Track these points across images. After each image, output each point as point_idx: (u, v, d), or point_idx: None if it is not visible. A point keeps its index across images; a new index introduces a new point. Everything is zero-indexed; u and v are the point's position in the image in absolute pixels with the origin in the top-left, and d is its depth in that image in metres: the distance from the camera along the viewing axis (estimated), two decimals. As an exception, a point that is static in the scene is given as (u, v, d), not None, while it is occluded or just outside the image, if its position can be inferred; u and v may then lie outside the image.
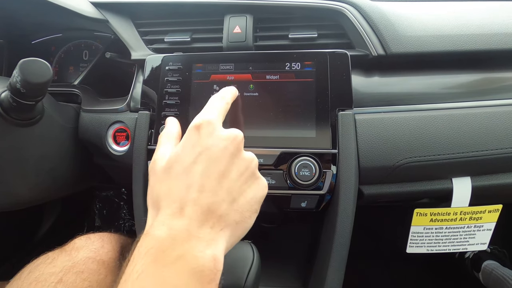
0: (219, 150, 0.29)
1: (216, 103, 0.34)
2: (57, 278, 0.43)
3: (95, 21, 0.55)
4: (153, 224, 0.27)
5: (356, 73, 0.50)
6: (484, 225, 0.52)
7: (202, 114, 0.31)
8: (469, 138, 0.46)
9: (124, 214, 1.07)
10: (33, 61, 0.38)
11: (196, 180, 0.28)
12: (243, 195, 0.29)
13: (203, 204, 0.27)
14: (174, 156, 0.30)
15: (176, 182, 0.28)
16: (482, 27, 0.49)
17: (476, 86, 0.50)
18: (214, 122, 0.30)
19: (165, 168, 0.30)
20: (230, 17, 0.53)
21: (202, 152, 0.29)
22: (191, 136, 0.30)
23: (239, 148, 0.30)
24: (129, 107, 0.54)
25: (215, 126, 0.30)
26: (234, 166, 0.29)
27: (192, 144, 0.29)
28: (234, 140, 0.30)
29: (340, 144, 0.45)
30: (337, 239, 0.45)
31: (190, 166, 0.28)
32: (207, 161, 0.28)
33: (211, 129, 0.30)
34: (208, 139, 0.29)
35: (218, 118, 0.32)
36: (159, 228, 0.26)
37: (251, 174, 0.31)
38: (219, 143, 0.29)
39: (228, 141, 0.29)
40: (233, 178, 0.29)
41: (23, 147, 0.46)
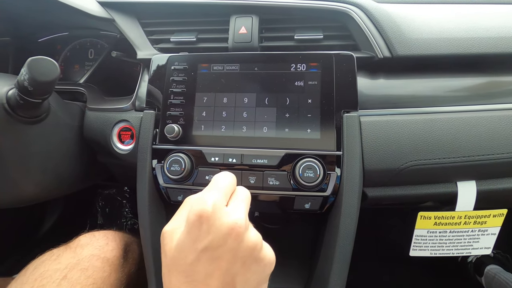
0: (221, 247, 0.28)
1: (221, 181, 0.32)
2: (62, 274, 0.43)
3: (102, 20, 0.56)
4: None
5: (361, 75, 0.50)
6: (488, 229, 0.51)
7: (202, 200, 0.29)
8: (474, 142, 0.46)
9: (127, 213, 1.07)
10: (41, 60, 0.38)
11: (200, 280, 0.28)
12: (248, 283, 0.29)
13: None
14: (179, 248, 0.29)
15: (182, 280, 0.28)
16: (489, 30, 0.48)
17: (482, 90, 0.50)
18: (214, 212, 0.28)
19: (172, 258, 0.30)
20: (236, 17, 0.53)
21: (204, 250, 0.28)
22: (192, 228, 0.28)
23: (241, 239, 0.28)
24: (134, 106, 0.54)
25: (215, 217, 0.28)
26: (236, 260, 0.28)
27: (193, 239, 0.28)
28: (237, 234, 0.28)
29: (345, 146, 0.45)
30: (340, 241, 0.45)
31: (194, 264, 0.28)
32: (210, 260, 0.28)
33: (211, 222, 0.28)
34: (209, 235, 0.28)
35: (220, 203, 0.29)
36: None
37: (254, 259, 0.29)
38: (220, 240, 0.28)
39: (230, 237, 0.28)
40: (237, 272, 0.28)
41: (28, 145, 0.47)
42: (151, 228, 0.50)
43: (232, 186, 0.33)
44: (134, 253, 0.55)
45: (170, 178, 0.47)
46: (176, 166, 0.46)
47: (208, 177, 0.47)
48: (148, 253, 0.50)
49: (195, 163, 0.47)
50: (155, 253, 0.50)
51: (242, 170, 0.46)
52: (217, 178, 0.33)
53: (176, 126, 0.48)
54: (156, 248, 0.50)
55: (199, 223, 0.28)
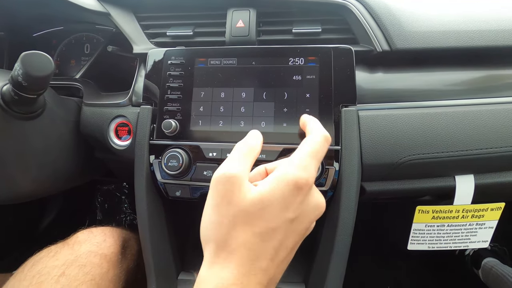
0: (304, 222, 0.28)
1: (321, 152, 0.30)
2: (60, 271, 0.43)
3: (97, 14, 0.55)
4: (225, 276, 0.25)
5: (360, 69, 0.49)
6: (486, 223, 0.52)
7: (306, 169, 0.28)
8: (473, 136, 0.45)
9: (126, 208, 1.07)
10: (35, 54, 0.38)
11: (272, 247, 0.26)
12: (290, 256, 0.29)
13: (271, 274, 0.27)
14: (264, 205, 0.26)
15: (255, 239, 0.26)
16: (489, 23, 0.48)
17: (480, 83, 0.49)
18: (311, 183, 0.28)
19: (248, 213, 0.26)
20: (233, 11, 0.52)
21: (290, 221, 0.27)
22: (288, 194, 0.27)
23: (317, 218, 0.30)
24: (131, 101, 0.54)
25: (312, 191, 0.28)
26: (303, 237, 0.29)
27: (285, 205, 0.26)
28: (319, 214, 0.29)
29: (343, 140, 0.45)
30: (338, 235, 0.45)
31: (274, 230, 0.26)
32: (290, 232, 0.27)
33: (309, 196, 0.28)
34: (300, 207, 0.27)
35: (314, 174, 0.29)
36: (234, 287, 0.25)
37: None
38: (307, 216, 0.28)
39: (315, 214, 0.28)
40: (294, 247, 0.29)
41: (24, 141, 0.46)
42: (149, 224, 0.50)
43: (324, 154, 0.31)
44: (132, 249, 0.55)
45: (168, 174, 0.47)
46: (174, 161, 0.46)
47: (206, 173, 0.47)
48: (147, 249, 0.50)
49: (193, 159, 0.47)
50: (154, 249, 0.50)
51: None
52: (319, 144, 0.30)
53: (174, 121, 0.47)
54: (155, 244, 0.50)
55: (297, 192, 0.27)
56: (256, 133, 0.34)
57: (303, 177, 0.27)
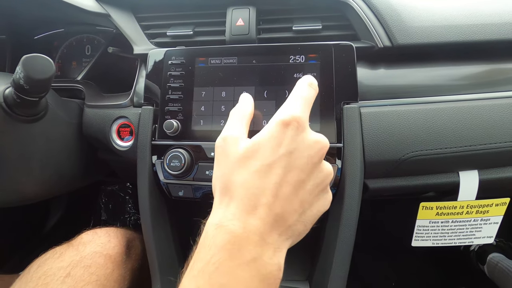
0: (303, 157, 0.27)
1: (305, 92, 0.31)
2: (65, 272, 0.44)
3: (97, 15, 0.55)
4: (225, 215, 0.26)
5: (361, 65, 0.49)
6: (491, 218, 0.51)
7: (290, 107, 0.29)
8: (476, 131, 0.45)
9: (130, 208, 1.08)
10: (36, 57, 0.38)
11: (273, 183, 0.26)
12: (311, 207, 0.29)
13: (277, 211, 0.26)
14: (256, 147, 0.28)
15: (252, 178, 0.27)
16: (492, 16, 0.47)
17: (484, 78, 0.49)
18: (303, 121, 0.28)
19: (242, 157, 0.28)
20: (233, 9, 0.52)
21: (286, 155, 0.27)
22: (277, 132, 0.27)
23: (321, 158, 0.28)
24: (132, 102, 0.54)
25: (303, 126, 0.28)
26: (312, 177, 0.28)
27: (277, 142, 0.27)
28: (320, 150, 0.28)
29: (345, 138, 0.45)
30: (342, 233, 0.45)
31: (270, 166, 0.27)
32: (289, 167, 0.27)
33: (299, 131, 0.27)
34: (294, 142, 0.27)
35: (307, 115, 0.29)
36: (234, 222, 0.26)
37: (324, 187, 0.29)
38: (305, 150, 0.27)
39: (314, 150, 0.28)
40: (309, 190, 0.28)
41: (28, 143, 0.47)
42: (153, 224, 0.50)
43: (313, 100, 0.31)
44: (136, 249, 0.56)
45: (170, 174, 0.47)
46: (176, 161, 0.46)
47: (209, 172, 0.47)
48: (151, 249, 0.50)
49: (195, 158, 0.47)
50: (158, 248, 0.50)
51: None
52: (302, 90, 0.31)
53: (175, 121, 0.47)
54: (159, 244, 0.51)
55: (286, 128, 0.27)
56: (246, 96, 0.36)
57: (288, 113, 0.28)
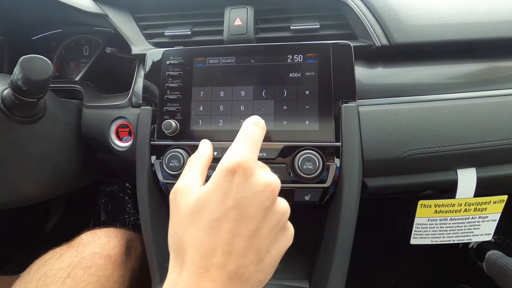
0: (253, 204, 0.26)
1: (251, 132, 0.29)
2: (65, 273, 0.44)
3: (94, 16, 0.55)
4: (178, 283, 0.25)
5: (359, 64, 0.49)
6: (489, 216, 0.52)
7: (236, 152, 0.27)
8: (474, 129, 0.45)
9: (129, 208, 1.08)
10: (34, 58, 0.38)
11: (224, 239, 0.25)
12: (270, 252, 0.27)
13: (230, 268, 0.25)
14: (203, 199, 0.27)
15: (202, 234, 0.26)
16: (489, 14, 0.47)
17: (481, 76, 0.49)
18: (250, 166, 0.26)
19: (191, 211, 0.27)
20: (231, 9, 0.52)
21: (234, 206, 0.26)
22: (223, 181, 0.26)
23: (273, 201, 0.27)
24: (131, 102, 0.54)
25: (251, 171, 0.26)
26: (266, 222, 0.26)
27: (223, 193, 0.26)
28: (271, 193, 0.27)
29: (344, 136, 0.45)
30: (341, 232, 0.46)
31: (219, 220, 0.26)
32: (238, 218, 0.26)
33: (247, 176, 0.26)
34: (241, 190, 0.26)
35: (254, 157, 0.27)
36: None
37: (281, 227, 0.28)
38: (255, 196, 0.26)
39: (265, 194, 0.26)
40: (263, 236, 0.26)
41: (26, 144, 0.47)
42: (152, 224, 0.50)
43: (261, 139, 0.30)
44: (136, 250, 0.56)
45: (169, 174, 0.47)
46: (175, 161, 0.46)
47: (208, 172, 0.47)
48: (151, 249, 0.50)
49: (194, 158, 0.47)
50: (157, 249, 0.50)
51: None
52: (248, 131, 0.29)
53: (174, 121, 0.47)
54: (158, 244, 0.51)
55: (232, 177, 0.26)
56: (204, 142, 0.35)
57: (233, 160, 0.26)
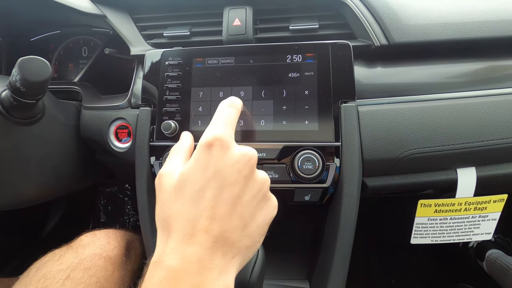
0: (232, 173, 0.27)
1: (226, 112, 0.32)
2: (65, 274, 0.44)
3: (93, 17, 0.55)
4: (164, 251, 0.26)
5: (358, 64, 0.49)
6: (489, 215, 0.52)
7: (212, 129, 0.29)
8: (474, 128, 0.45)
9: (129, 210, 1.07)
10: (32, 60, 0.38)
11: (207, 206, 0.26)
12: (254, 219, 0.28)
13: (215, 232, 0.26)
14: (185, 175, 0.28)
15: (187, 205, 0.27)
16: (488, 14, 0.48)
17: (480, 75, 0.49)
18: (226, 139, 0.28)
19: (175, 188, 0.28)
20: (230, 9, 0.52)
21: (214, 175, 0.27)
22: (202, 155, 0.28)
23: (252, 169, 0.28)
24: (130, 103, 0.54)
25: (227, 144, 0.28)
26: (247, 190, 0.28)
27: (203, 165, 0.27)
28: (248, 161, 0.28)
29: (343, 136, 0.45)
30: (341, 232, 0.45)
31: (201, 190, 0.27)
32: (219, 186, 0.27)
33: (224, 149, 0.28)
34: (220, 161, 0.27)
35: (229, 133, 0.29)
36: (170, 256, 0.25)
37: (263, 196, 0.29)
38: (232, 166, 0.27)
39: (242, 163, 0.28)
40: (246, 202, 0.28)
41: (25, 146, 0.46)
42: (152, 225, 0.50)
43: (235, 119, 0.32)
44: (136, 251, 0.56)
45: (169, 175, 0.47)
46: (175, 162, 0.46)
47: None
48: (150, 250, 0.50)
49: (193, 159, 0.47)
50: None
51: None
52: (222, 111, 0.32)
53: (173, 122, 0.47)
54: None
55: (210, 150, 0.28)
56: (185, 133, 0.37)
57: (210, 135, 0.28)
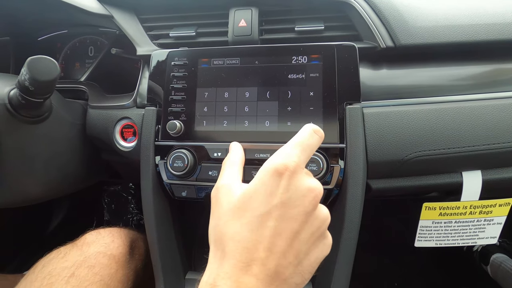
0: (296, 207, 0.27)
1: (308, 139, 0.30)
2: (69, 272, 0.44)
3: (100, 17, 0.55)
4: (219, 274, 0.26)
5: (363, 65, 0.49)
6: (494, 219, 0.51)
7: (287, 154, 0.28)
8: (480, 131, 0.45)
9: (132, 208, 1.08)
10: (41, 59, 0.38)
11: (266, 236, 0.26)
12: (309, 256, 0.28)
13: (270, 266, 0.25)
14: (248, 197, 0.27)
15: (245, 230, 0.26)
16: (495, 16, 0.47)
17: (486, 78, 0.49)
18: (297, 171, 0.27)
19: (234, 208, 0.28)
20: (235, 10, 0.52)
21: (278, 206, 0.26)
22: (269, 180, 0.27)
23: (316, 206, 0.28)
24: (135, 103, 0.54)
25: (297, 176, 0.27)
26: (307, 226, 0.27)
27: (269, 192, 0.27)
28: (315, 197, 0.27)
29: (348, 138, 0.45)
30: (345, 234, 0.45)
31: (263, 218, 0.26)
32: (281, 218, 0.26)
33: (293, 180, 0.27)
34: (288, 192, 0.26)
35: (303, 164, 0.28)
36: (226, 282, 0.25)
37: (321, 234, 0.29)
38: (298, 199, 0.27)
39: (309, 198, 0.27)
40: (304, 240, 0.27)
41: (32, 144, 0.47)
42: (156, 224, 0.50)
43: (315, 148, 0.30)
44: (140, 249, 0.56)
45: (173, 174, 0.47)
46: (179, 162, 0.46)
47: (212, 173, 0.47)
48: (154, 249, 0.50)
49: (198, 159, 0.47)
50: (161, 249, 0.50)
51: (245, 165, 0.46)
52: (304, 136, 0.30)
53: (178, 122, 0.48)
54: (162, 244, 0.51)
55: (279, 178, 0.27)
56: (235, 144, 0.37)
57: (281, 163, 0.27)
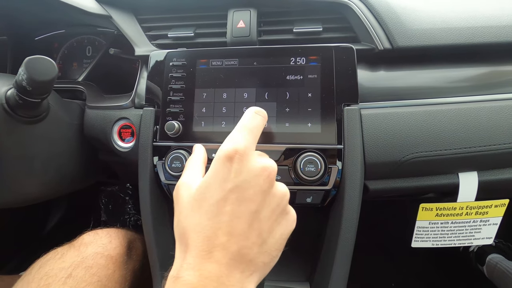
0: (251, 188, 0.27)
1: (251, 121, 0.31)
2: (66, 273, 0.44)
3: (98, 17, 0.55)
4: (182, 266, 0.26)
5: (361, 67, 0.49)
6: (490, 219, 0.52)
7: (234, 138, 0.29)
8: (476, 133, 0.45)
9: (130, 209, 1.08)
10: (39, 59, 0.38)
11: (225, 221, 0.26)
12: (272, 234, 0.28)
13: (233, 249, 0.25)
14: (203, 188, 0.28)
15: (204, 219, 0.27)
16: (491, 19, 0.48)
17: (483, 80, 0.49)
18: (246, 152, 0.28)
19: (193, 200, 0.28)
20: (234, 11, 0.52)
21: (233, 190, 0.27)
22: (221, 168, 0.27)
23: (271, 183, 0.28)
24: (133, 103, 0.54)
25: (247, 157, 0.27)
26: (266, 204, 0.27)
27: (222, 178, 0.27)
28: (269, 176, 0.28)
29: (346, 139, 0.45)
30: (342, 234, 0.46)
31: (220, 204, 0.26)
32: (238, 201, 0.26)
33: (244, 162, 0.27)
34: (240, 175, 0.27)
35: (251, 145, 0.29)
36: (189, 272, 0.25)
37: (282, 210, 0.29)
38: (252, 180, 0.27)
39: (261, 177, 0.27)
40: (264, 218, 0.27)
41: (29, 144, 0.47)
42: (154, 225, 0.50)
43: (261, 129, 0.31)
44: (137, 250, 0.56)
45: (171, 175, 0.47)
46: (177, 162, 0.46)
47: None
48: (152, 249, 0.50)
49: (196, 160, 0.47)
50: (158, 249, 0.50)
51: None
52: (247, 119, 0.31)
53: (176, 122, 0.48)
54: (160, 245, 0.51)
55: (230, 163, 0.27)
56: (198, 146, 0.39)
57: (230, 147, 0.27)
